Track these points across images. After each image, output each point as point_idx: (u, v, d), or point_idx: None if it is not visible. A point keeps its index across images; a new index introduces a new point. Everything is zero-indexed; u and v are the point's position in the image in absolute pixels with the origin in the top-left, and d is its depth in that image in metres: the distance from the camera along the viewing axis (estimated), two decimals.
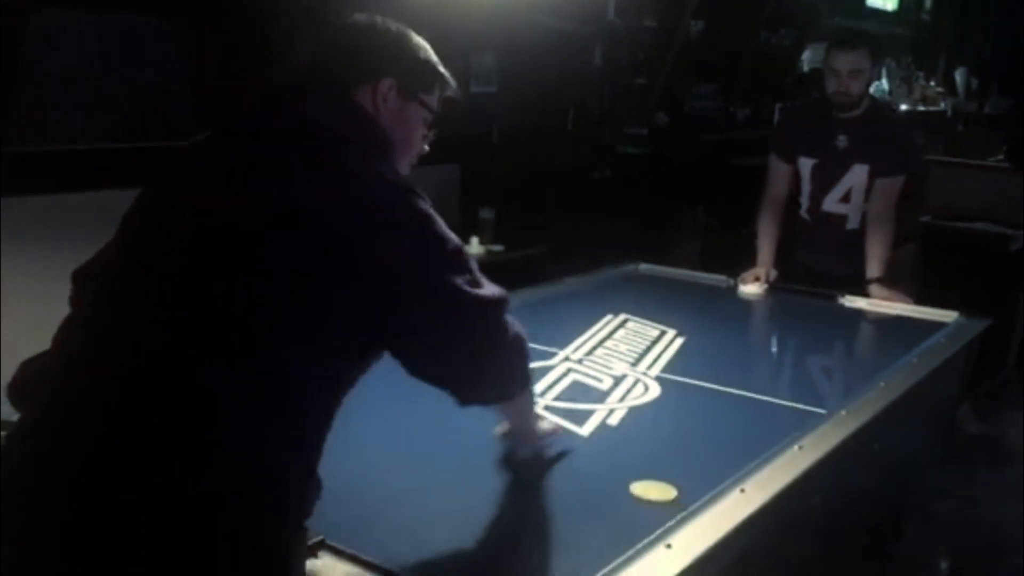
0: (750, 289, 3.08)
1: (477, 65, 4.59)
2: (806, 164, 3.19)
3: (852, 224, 3.17)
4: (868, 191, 3.11)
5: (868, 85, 3.09)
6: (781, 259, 3.22)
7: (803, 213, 3.26)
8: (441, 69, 1.48)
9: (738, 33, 5.70)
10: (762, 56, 5.89)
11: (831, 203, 3.17)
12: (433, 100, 1.47)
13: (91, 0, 2.97)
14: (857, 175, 3.11)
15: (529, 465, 1.71)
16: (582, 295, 3.00)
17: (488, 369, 1.38)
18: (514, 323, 1.40)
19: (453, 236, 1.33)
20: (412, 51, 1.44)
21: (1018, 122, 5.27)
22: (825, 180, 3.16)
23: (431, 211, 1.32)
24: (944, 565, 2.97)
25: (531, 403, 1.66)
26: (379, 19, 1.44)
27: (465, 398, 1.40)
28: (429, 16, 3.90)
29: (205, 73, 3.23)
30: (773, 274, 3.14)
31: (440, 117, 1.49)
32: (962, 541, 3.10)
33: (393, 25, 1.44)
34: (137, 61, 3.07)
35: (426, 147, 1.50)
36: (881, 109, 3.35)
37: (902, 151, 3.17)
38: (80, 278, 1.42)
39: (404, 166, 1.44)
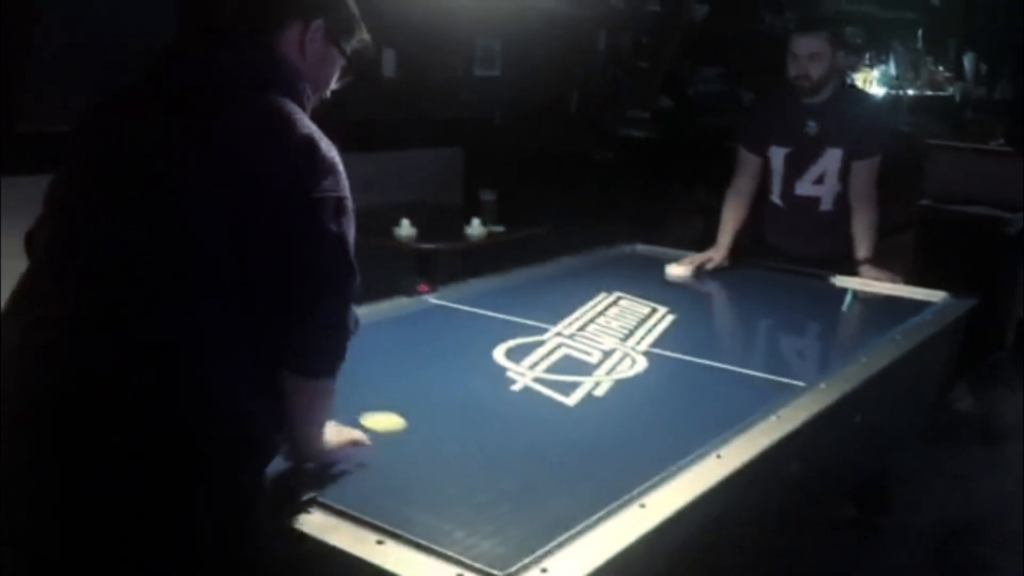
0: (674, 271, 3.07)
1: (481, 49, 4.66)
2: (778, 153, 3.22)
3: (825, 205, 3.21)
4: (841, 173, 3.16)
5: (830, 69, 3.09)
6: (756, 244, 3.26)
7: (775, 199, 3.28)
8: (359, 18, 1.52)
9: (742, 16, 5.73)
10: (766, 39, 5.92)
11: (805, 187, 3.21)
12: (349, 49, 1.52)
13: None
14: (830, 159, 3.15)
15: (515, 430, 1.79)
16: (578, 274, 3.07)
17: (310, 327, 1.37)
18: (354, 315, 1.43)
19: (341, 188, 1.37)
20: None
21: (1019, 106, 5.28)
22: (799, 166, 3.19)
23: (327, 159, 1.35)
24: (931, 537, 3.03)
25: (330, 402, 1.50)
26: None
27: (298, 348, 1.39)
28: (434, 1, 3.97)
29: None
30: (712, 262, 3.13)
31: (348, 67, 1.53)
32: (948, 515, 3.16)
33: None
34: (143, 39, 3.14)
35: (329, 93, 1.54)
36: (848, 92, 3.36)
37: (872, 131, 3.21)
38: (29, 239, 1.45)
39: (309, 107, 1.46)
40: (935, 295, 2.88)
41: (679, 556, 1.54)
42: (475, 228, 3.97)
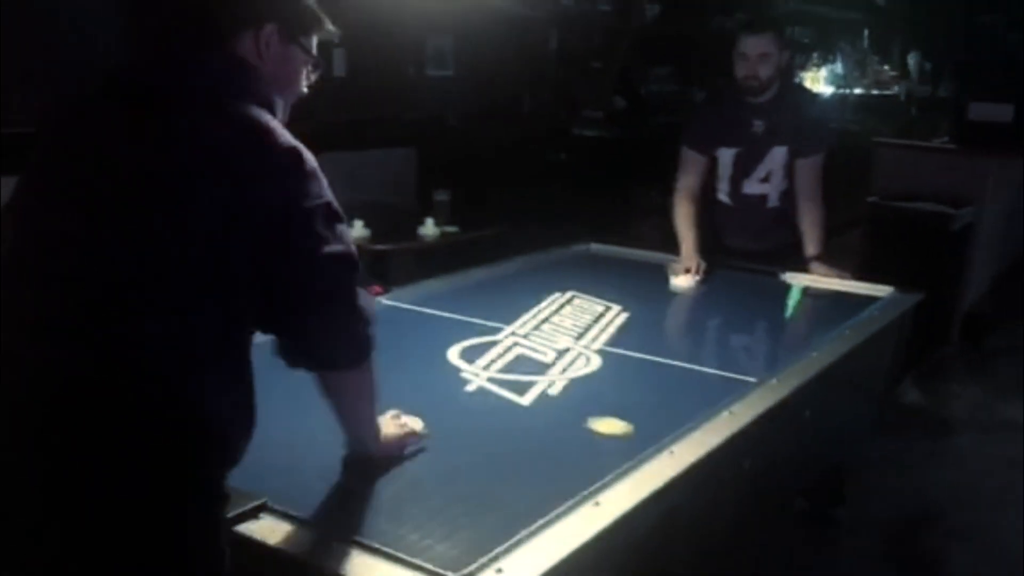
0: (681, 282, 3.04)
1: (433, 49, 4.64)
2: (727, 153, 3.23)
3: (772, 202, 3.25)
4: (786, 170, 3.20)
5: (777, 69, 3.10)
6: (706, 241, 3.27)
7: (723, 197, 3.30)
8: (319, 12, 1.50)
9: (692, 17, 5.79)
10: (717, 39, 5.98)
11: (752, 185, 3.24)
12: (312, 43, 1.50)
13: None
14: (776, 157, 3.19)
15: (469, 431, 1.79)
16: (532, 274, 3.07)
17: (322, 324, 1.39)
18: (364, 295, 1.45)
19: (326, 192, 1.37)
20: None
21: (962, 104, 5.39)
22: (746, 165, 3.22)
23: (311, 167, 1.35)
24: (882, 529, 3.08)
25: (369, 394, 1.54)
26: None
27: (295, 351, 1.42)
28: (386, 0, 3.95)
29: None
30: (703, 265, 3.10)
31: (319, 60, 1.52)
32: (899, 507, 3.22)
33: None
34: (111, 42, 3.10)
35: (306, 89, 1.52)
36: (791, 89, 3.36)
37: (815, 129, 3.25)
38: None
39: (286, 108, 1.47)
40: (883, 290, 2.92)
41: (634, 553, 1.55)
42: (429, 228, 3.96)
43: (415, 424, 1.71)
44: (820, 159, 3.20)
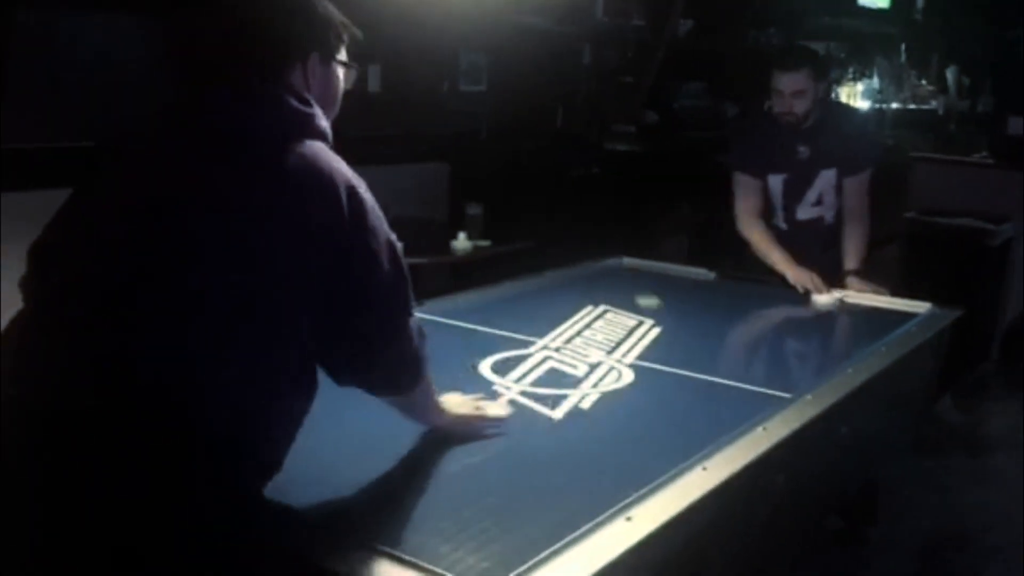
0: (824, 299, 2.98)
1: (466, 64, 4.66)
2: (776, 180, 3.23)
3: (828, 221, 3.26)
4: (837, 189, 3.18)
5: (814, 102, 3.06)
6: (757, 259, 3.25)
7: (779, 223, 3.30)
8: (344, 21, 1.53)
9: (727, 32, 5.76)
10: (751, 54, 5.95)
11: (806, 210, 3.24)
12: (344, 52, 1.54)
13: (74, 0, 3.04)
14: (825, 179, 3.18)
15: (498, 444, 1.79)
16: (564, 287, 3.07)
17: (375, 357, 1.46)
18: (417, 327, 1.51)
19: (386, 229, 1.44)
20: (323, 19, 1.49)
21: (1001, 119, 5.33)
22: (796, 191, 3.22)
23: (370, 205, 1.41)
24: (916, 548, 3.03)
25: (423, 401, 1.69)
26: None
27: (349, 374, 1.48)
28: (419, 15, 3.98)
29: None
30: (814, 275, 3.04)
31: (353, 63, 1.56)
32: (935, 525, 3.17)
33: None
34: (119, 59, 3.13)
35: (342, 89, 1.56)
36: (832, 110, 3.33)
37: (861, 147, 3.23)
38: (39, 255, 1.44)
39: (331, 117, 1.51)
40: (920, 306, 2.89)
41: (665, 569, 1.53)
42: (461, 242, 3.97)
43: (494, 409, 1.87)
44: (868, 175, 3.18)
